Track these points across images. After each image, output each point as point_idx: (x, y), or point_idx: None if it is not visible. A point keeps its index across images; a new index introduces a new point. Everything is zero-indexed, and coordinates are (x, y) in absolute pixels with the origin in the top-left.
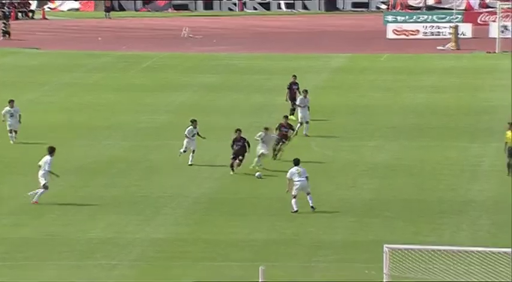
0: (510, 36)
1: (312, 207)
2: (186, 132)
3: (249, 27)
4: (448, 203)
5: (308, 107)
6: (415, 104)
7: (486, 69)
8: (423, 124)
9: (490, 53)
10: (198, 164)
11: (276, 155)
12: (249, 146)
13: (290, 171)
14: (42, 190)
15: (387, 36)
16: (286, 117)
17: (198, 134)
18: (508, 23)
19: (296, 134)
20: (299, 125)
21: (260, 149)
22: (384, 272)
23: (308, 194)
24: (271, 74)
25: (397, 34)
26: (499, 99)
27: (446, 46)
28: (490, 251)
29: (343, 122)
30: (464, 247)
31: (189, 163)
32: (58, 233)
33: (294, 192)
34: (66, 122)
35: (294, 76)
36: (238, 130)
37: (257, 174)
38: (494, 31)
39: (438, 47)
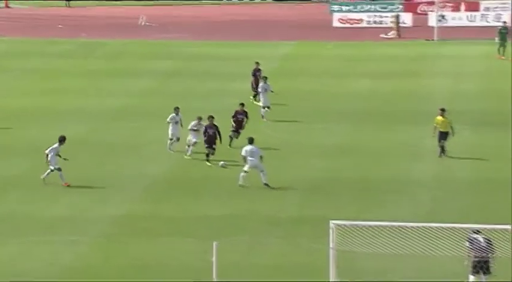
0: (447, 25)
1: (265, 184)
2: (168, 119)
3: (202, 16)
4: (391, 181)
5: (272, 91)
6: (360, 90)
7: (426, 56)
8: (368, 108)
9: (429, 40)
10: (156, 145)
11: (231, 143)
12: (219, 133)
13: (244, 149)
14: (59, 173)
15: (333, 25)
16: (242, 104)
17: (180, 121)
18: (446, 13)
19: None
20: (262, 109)
21: (192, 139)
22: (330, 246)
23: (261, 171)
24: (224, 60)
25: (342, 23)
26: (438, 85)
27: (389, 34)
28: (429, 226)
29: (293, 106)
30: (406, 223)
31: (171, 149)
32: (20, 211)
33: (245, 168)
34: (29, 107)
35: (257, 63)
36: (211, 117)
37: (221, 163)
38: (432, 20)
39: (381, 35)
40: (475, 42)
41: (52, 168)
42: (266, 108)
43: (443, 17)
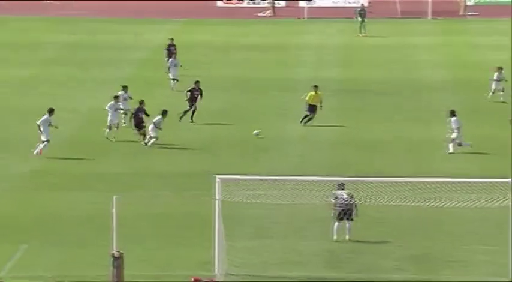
0: (315, 5)
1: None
2: (119, 94)
3: None
4: (266, 141)
5: (181, 65)
6: (240, 60)
7: (296, 32)
8: (246, 77)
9: (299, 19)
10: (62, 111)
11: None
12: (147, 115)
13: (157, 119)
14: (43, 144)
15: (217, 5)
16: (197, 82)
17: (130, 97)
18: None
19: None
20: (172, 81)
21: (112, 120)
22: (217, 198)
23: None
24: (121, 34)
25: (225, 3)
26: (307, 56)
27: (265, 13)
28: (302, 179)
29: (183, 76)
30: (279, 176)
31: (124, 124)
32: None
33: (154, 135)
34: None
35: (171, 39)
36: (142, 101)
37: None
38: (302, 1)
39: (259, 14)
40: (338, 21)
41: (44, 139)
42: (175, 81)
43: None
